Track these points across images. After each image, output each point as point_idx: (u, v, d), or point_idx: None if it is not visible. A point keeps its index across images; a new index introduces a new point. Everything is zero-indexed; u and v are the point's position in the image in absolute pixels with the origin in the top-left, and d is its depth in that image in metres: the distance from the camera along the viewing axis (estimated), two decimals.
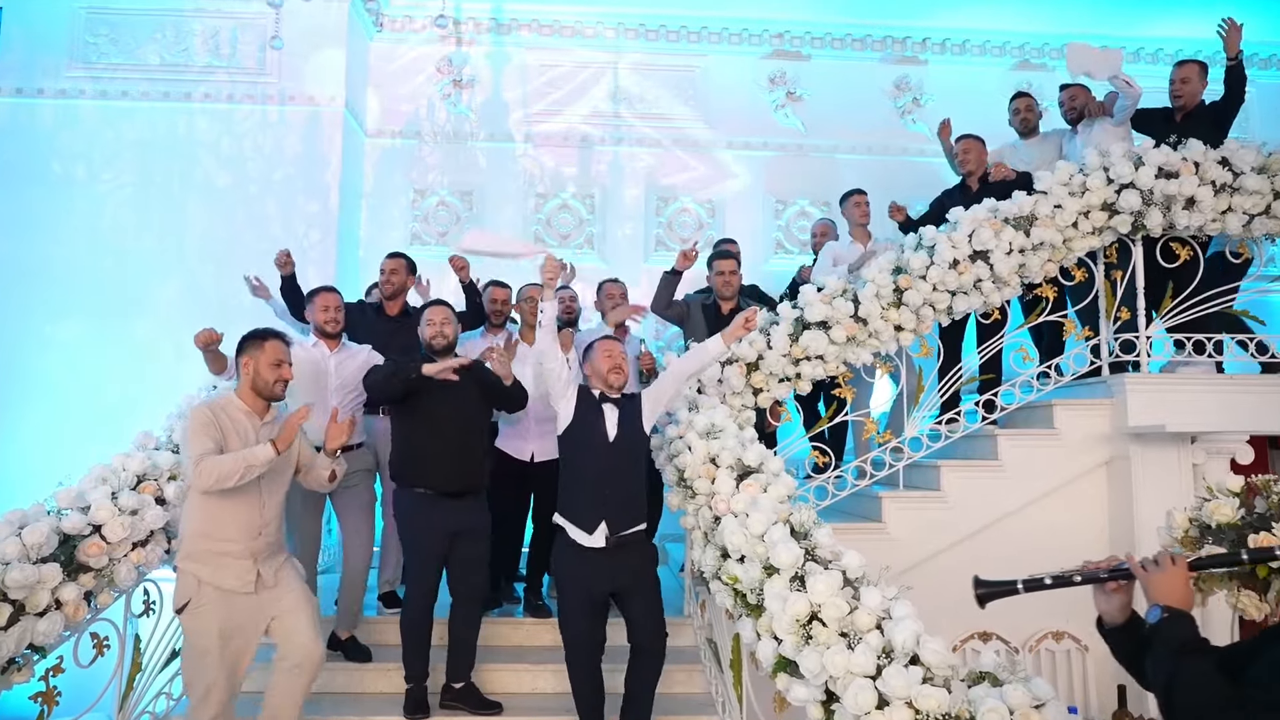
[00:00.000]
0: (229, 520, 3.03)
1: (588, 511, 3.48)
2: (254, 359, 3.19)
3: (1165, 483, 4.44)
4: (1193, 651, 1.62)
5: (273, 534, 3.18)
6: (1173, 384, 4.54)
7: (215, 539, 3.01)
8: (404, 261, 4.81)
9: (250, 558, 3.05)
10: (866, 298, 4.42)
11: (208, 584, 2.99)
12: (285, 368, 3.20)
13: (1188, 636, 1.65)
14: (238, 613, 3.02)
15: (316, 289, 4.28)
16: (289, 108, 6.04)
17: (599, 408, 3.59)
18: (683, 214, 6.78)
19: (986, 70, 7.01)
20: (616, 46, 6.78)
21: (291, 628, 3.16)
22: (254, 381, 3.18)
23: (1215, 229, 4.52)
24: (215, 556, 3.01)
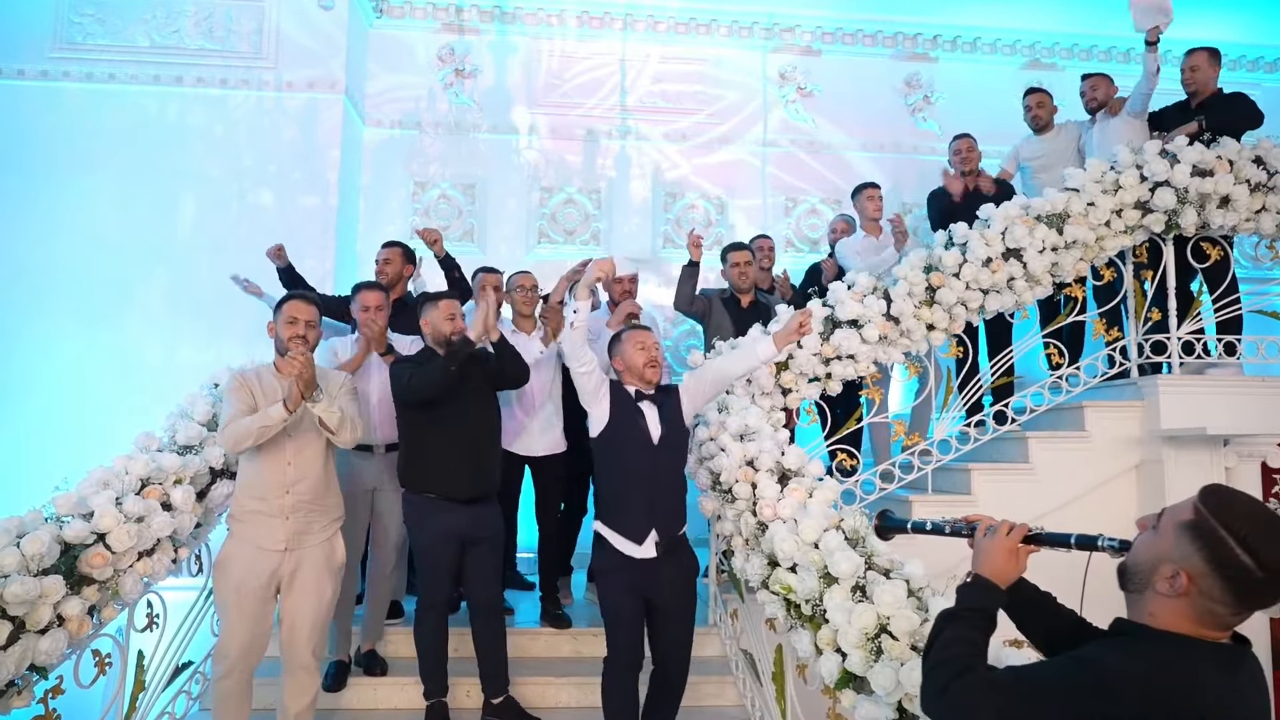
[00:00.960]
0: (258, 479, 3.13)
1: (636, 521, 3.23)
2: (275, 321, 3.27)
3: (1198, 486, 4.33)
4: (960, 618, 1.62)
5: (306, 494, 3.16)
6: (1206, 386, 4.46)
7: (250, 498, 3.13)
8: (400, 250, 4.62)
9: (280, 515, 3.12)
10: (899, 295, 4.29)
11: (238, 539, 3.12)
12: (299, 324, 3.20)
13: (971, 604, 1.65)
14: (257, 571, 3.09)
15: (359, 285, 4.07)
16: (286, 95, 5.79)
17: (637, 406, 3.35)
18: (691, 210, 6.62)
19: (997, 69, 6.93)
20: (623, 38, 6.61)
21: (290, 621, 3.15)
22: (276, 344, 3.27)
23: (1249, 229, 4.45)
24: (250, 515, 3.13)
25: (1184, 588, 1.37)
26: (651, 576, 3.22)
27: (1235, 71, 7.05)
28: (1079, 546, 1.68)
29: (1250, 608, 1.36)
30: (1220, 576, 1.35)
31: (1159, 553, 1.42)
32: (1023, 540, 1.71)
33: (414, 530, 3.62)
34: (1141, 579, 1.44)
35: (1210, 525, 1.36)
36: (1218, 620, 1.37)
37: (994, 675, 1.49)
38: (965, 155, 5.20)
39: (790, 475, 3.51)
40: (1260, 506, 1.39)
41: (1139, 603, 1.45)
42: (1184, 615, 1.38)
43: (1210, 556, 1.35)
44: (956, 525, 1.90)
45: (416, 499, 3.57)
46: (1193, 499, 1.42)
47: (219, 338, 5.40)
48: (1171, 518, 1.43)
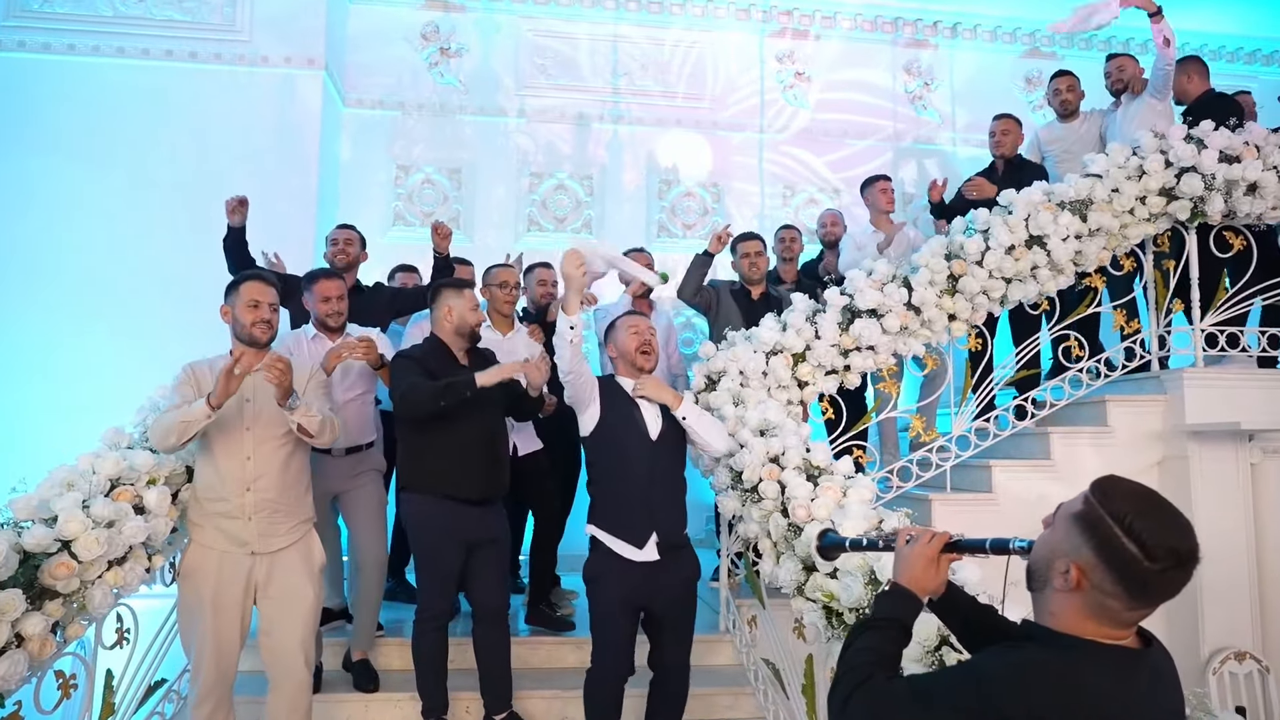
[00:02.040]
0: (215, 477, 2.88)
1: (635, 524, 3.04)
2: (231, 304, 2.98)
3: (1224, 482, 4.22)
4: (872, 627, 1.58)
5: (268, 491, 2.89)
6: (1231, 379, 4.32)
7: (209, 499, 2.88)
8: (356, 234, 4.34)
9: (241, 516, 2.85)
10: (920, 284, 4.08)
11: (201, 544, 2.86)
12: (263, 308, 2.94)
13: (885, 613, 1.60)
14: (228, 577, 2.84)
15: (314, 273, 3.73)
16: (262, 70, 5.44)
17: (633, 401, 3.14)
18: (686, 198, 6.38)
19: (997, 57, 6.78)
20: (616, 18, 6.34)
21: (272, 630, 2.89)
22: (235, 329, 2.97)
23: (1275, 217, 4.31)
24: (213, 517, 2.87)
25: (1076, 581, 1.31)
26: (651, 582, 3.02)
27: (1233, 64, 6.99)
28: (994, 551, 1.60)
29: (1146, 601, 1.30)
30: (1109, 568, 1.28)
31: (1052, 548, 1.36)
32: (944, 548, 1.64)
33: (418, 533, 3.34)
34: (1040, 577, 1.39)
35: (1098, 514, 1.30)
36: (1114, 616, 1.31)
37: (891, 686, 1.47)
38: (1000, 139, 4.99)
39: (818, 473, 3.29)
40: (1150, 492, 1.33)
41: (1041, 602, 1.40)
42: (1080, 612, 1.32)
43: (1098, 547, 1.29)
44: (888, 538, 1.82)
45: (422, 499, 3.28)
46: (1084, 491, 1.36)
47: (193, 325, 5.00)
48: (1065, 511, 1.37)
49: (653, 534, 3.04)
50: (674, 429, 3.16)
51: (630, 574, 3.02)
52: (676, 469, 3.20)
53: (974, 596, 1.83)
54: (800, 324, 4.03)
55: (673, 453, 3.19)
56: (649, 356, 3.18)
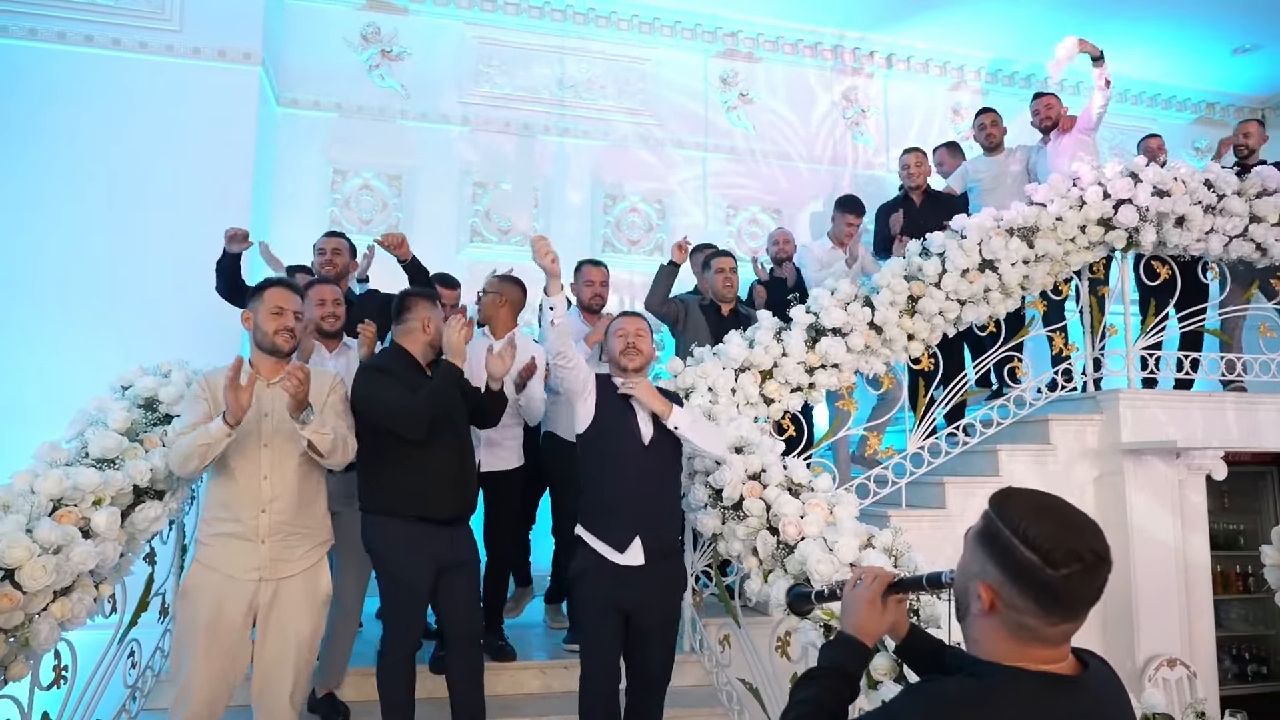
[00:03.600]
0: (229, 496, 2.72)
1: (619, 527, 2.98)
2: (253, 310, 2.81)
3: (1156, 497, 4.46)
4: (813, 679, 1.53)
5: (283, 513, 2.74)
6: (1162, 400, 4.58)
7: (220, 519, 2.72)
8: (346, 242, 4.18)
9: (254, 539, 2.69)
10: (882, 304, 4.17)
11: (205, 566, 2.69)
12: (288, 315, 2.78)
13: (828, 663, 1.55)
14: (229, 603, 2.66)
15: (312, 281, 3.62)
16: (193, 63, 5.10)
17: (627, 403, 3.07)
18: (631, 214, 6.34)
19: (928, 88, 7.05)
20: (563, 30, 6.27)
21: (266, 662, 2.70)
22: (255, 336, 2.81)
23: (1199, 248, 4.61)
24: (222, 538, 2.70)
25: (989, 603, 1.24)
26: (632, 587, 2.95)
27: (1137, 106, 7.47)
28: (930, 586, 1.54)
29: (1061, 612, 1.22)
30: (1014, 581, 1.21)
31: (965, 571, 1.31)
32: (888, 589, 1.59)
33: (386, 559, 3.12)
34: (962, 605, 1.33)
35: (995, 527, 1.24)
36: (1035, 634, 1.23)
37: None
38: (913, 171, 5.17)
39: (799, 489, 3.29)
40: (1045, 498, 1.26)
41: (966, 631, 1.34)
42: (1000, 634, 1.25)
43: (1000, 561, 1.23)
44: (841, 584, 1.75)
45: (388, 522, 3.08)
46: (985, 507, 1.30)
47: (121, 332, 4.66)
48: (970, 532, 1.32)
49: (636, 538, 2.96)
50: (668, 435, 3.08)
51: (611, 576, 2.95)
52: (668, 475, 3.13)
53: (938, 638, 1.76)
54: (768, 341, 4.04)
55: (665, 459, 3.11)
56: (631, 357, 3.09)
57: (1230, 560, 6.39)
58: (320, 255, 4.09)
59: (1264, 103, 7.69)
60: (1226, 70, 7.18)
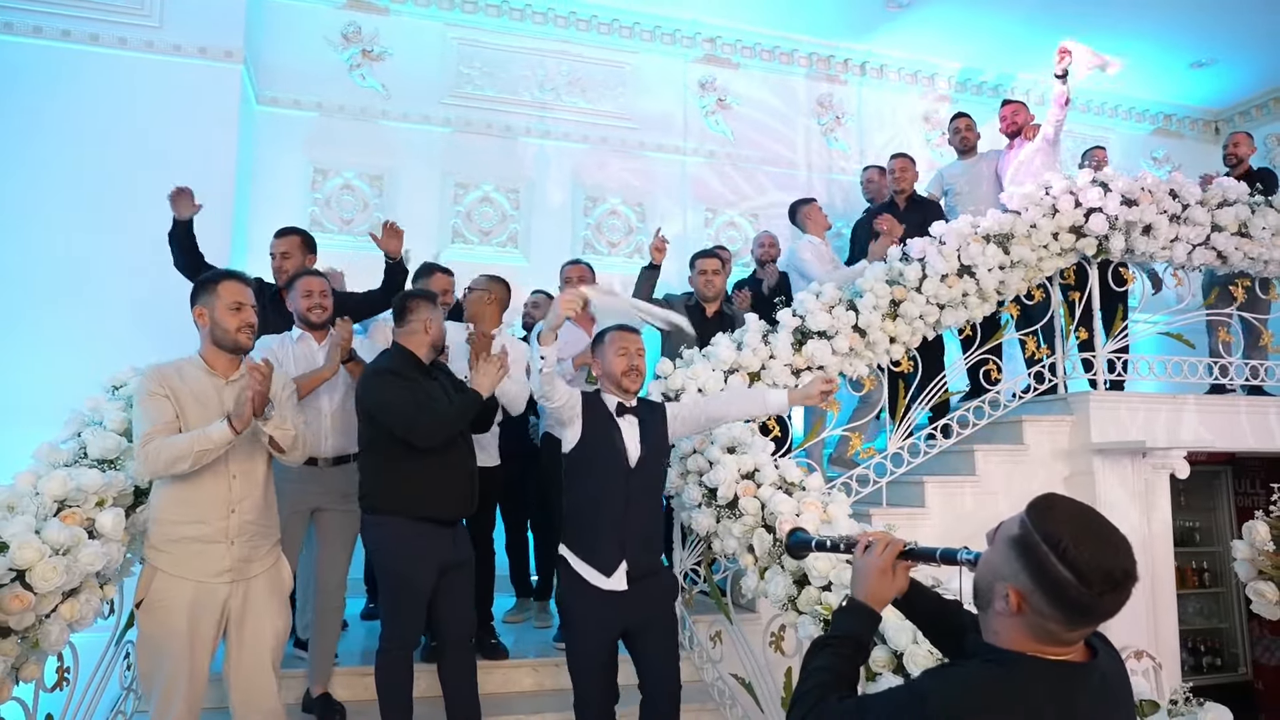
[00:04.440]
0: (196, 499, 2.61)
1: (605, 550, 2.93)
2: (208, 306, 2.71)
3: (1124, 495, 4.63)
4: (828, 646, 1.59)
5: (250, 513, 2.69)
6: (1130, 402, 4.76)
7: (182, 522, 2.60)
8: (298, 239, 4.02)
9: (224, 540, 2.62)
10: (866, 308, 4.28)
11: (171, 574, 2.57)
12: (247, 310, 2.72)
13: (842, 631, 1.62)
14: (204, 608, 2.59)
15: (298, 273, 3.57)
16: (173, 60, 5.05)
17: (615, 422, 3.03)
18: (612, 216, 6.40)
19: (900, 96, 7.21)
20: (544, 33, 6.31)
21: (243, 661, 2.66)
22: (213, 333, 2.72)
23: (1164, 256, 4.80)
24: (184, 543, 2.59)
25: (1016, 606, 1.30)
26: (621, 609, 2.92)
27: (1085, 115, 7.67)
28: (944, 561, 1.62)
29: (1084, 622, 1.30)
30: (1046, 593, 1.28)
31: (993, 570, 1.36)
32: (899, 556, 1.65)
33: (390, 558, 3.14)
34: (983, 597, 1.39)
35: (1033, 540, 1.29)
36: (1054, 636, 1.31)
37: (841, 707, 1.46)
38: (899, 175, 5.30)
39: (791, 488, 3.38)
40: (1085, 513, 1.32)
41: (985, 621, 1.41)
42: (1021, 632, 1.32)
43: (1035, 573, 1.28)
44: (848, 541, 1.82)
45: (396, 522, 3.09)
46: (1021, 512, 1.36)
47: (102, 331, 4.60)
48: (1003, 533, 1.37)
49: (622, 563, 2.93)
50: (655, 455, 3.07)
51: (598, 599, 2.91)
52: (653, 496, 3.10)
53: (937, 593, 1.84)
54: (756, 343, 4.12)
55: (651, 479, 3.08)
56: (635, 378, 3.06)
57: (1186, 556, 6.65)
58: (273, 258, 3.98)
59: (1218, 115, 8.00)
60: (1184, 83, 7.46)
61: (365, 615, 4.49)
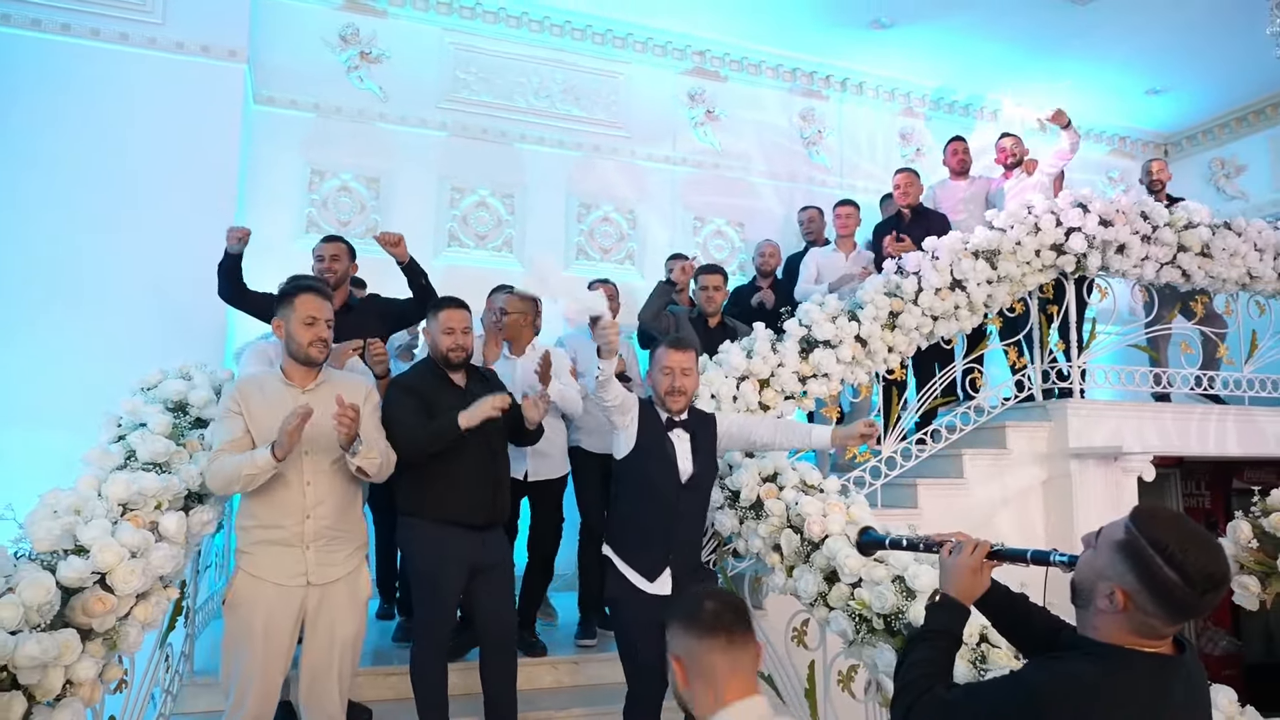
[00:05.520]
0: (273, 504, 2.74)
1: (651, 557, 3.09)
2: (284, 319, 2.83)
3: (1097, 496, 4.94)
4: (926, 639, 1.75)
5: (326, 518, 2.77)
6: (1103, 410, 5.08)
7: (260, 526, 2.74)
8: (345, 246, 4.11)
9: (299, 545, 2.74)
10: (867, 319, 4.49)
11: (253, 575, 2.71)
12: (320, 325, 2.82)
13: (937, 626, 1.77)
14: (281, 609, 2.71)
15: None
16: (176, 58, 5.01)
17: (667, 435, 3.16)
18: (604, 223, 6.52)
19: (877, 113, 7.47)
20: (539, 41, 6.39)
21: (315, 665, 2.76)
22: (288, 345, 2.84)
23: (1135, 274, 5.12)
24: (264, 546, 2.73)
25: (1121, 605, 1.46)
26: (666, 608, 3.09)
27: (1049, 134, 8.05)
28: (1034, 562, 1.80)
29: (1184, 618, 1.47)
30: (1152, 593, 1.44)
31: (1097, 571, 1.52)
32: (985, 557, 1.81)
33: (418, 558, 3.25)
34: (1085, 596, 1.55)
35: (1140, 545, 1.45)
36: (1154, 631, 1.47)
37: (950, 696, 1.62)
38: (905, 190, 5.51)
39: (811, 490, 3.55)
40: (1185, 524, 1.48)
41: (1085, 617, 1.56)
42: (1123, 628, 1.48)
43: (1142, 574, 1.44)
44: (929, 542, 1.99)
45: (424, 524, 3.20)
46: (1124, 519, 1.52)
47: (102, 331, 4.56)
48: (1107, 538, 1.53)
49: (667, 569, 3.09)
50: (705, 471, 3.20)
51: (647, 603, 3.04)
52: (700, 509, 3.25)
53: (1007, 588, 1.97)
54: (766, 352, 4.30)
55: (700, 494, 3.21)
56: (676, 398, 3.17)
57: None
58: (319, 261, 4.03)
59: (1168, 138, 8.49)
60: (1140, 108, 7.90)
61: (380, 615, 4.54)
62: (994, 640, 2.66)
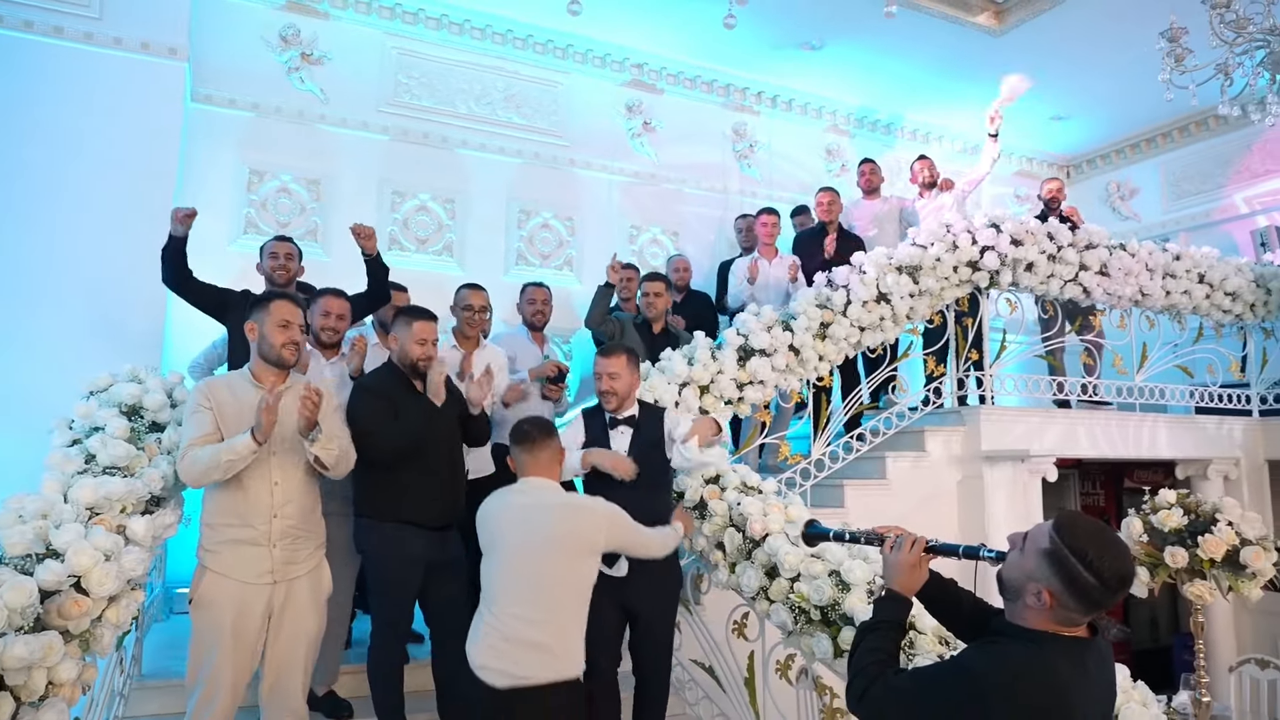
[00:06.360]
0: (239, 503, 2.82)
1: None
2: (259, 322, 2.93)
3: (1006, 495, 5.33)
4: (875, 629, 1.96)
5: (292, 517, 2.87)
6: (1013, 416, 5.48)
7: (228, 525, 2.81)
8: (296, 249, 4.21)
9: (266, 544, 2.82)
10: (800, 329, 4.76)
11: (219, 574, 2.78)
12: (293, 328, 2.92)
13: (884, 617, 1.99)
14: (249, 607, 2.79)
15: (322, 291, 3.74)
16: (114, 54, 4.92)
17: (607, 433, 3.45)
18: (544, 229, 6.64)
19: (806, 129, 7.80)
20: (482, 49, 6.48)
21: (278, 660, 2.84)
22: (260, 347, 2.93)
23: (1042, 290, 5.55)
24: (231, 545, 2.80)
25: (1048, 603, 1.70)
26: (625, 592, 3.31)
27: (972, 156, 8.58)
28: (965, 556, 2.01)
29: (1098, 610, 1.73)
30: (1072, 592, 1.67)
31: (1026, 573, 1.74)
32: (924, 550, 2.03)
33: (376, 559, 3.35)
34: (1014, 592, 1.78)
35: (1063, 553, 1.67)
36: (1073, 620, 1.71)
37: (898, 680, 1.83)
38: (828, 207, 5.82)
39: (751, 491, 3.78)
40: (1101, 532, 1.72)
41: (1014, 609, 1.79)
42: (1047, 619, 1.72)
43: (1064, 578, 1.67)
44: (870, 535, 2.18)
45: (382, 525, 3.31)
46: (1048, 528, 1.73)
47: (32, 334, 4.45)
48: (1034, 543, 1.74)
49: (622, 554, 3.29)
50: (648, 458, 3.40)
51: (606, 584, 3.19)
52: (649, 492, 3.42)
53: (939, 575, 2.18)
54: (706, 359, 4.52)
55: (643, 478, 3.38)
56: (607, 398, 3.45)
57: None
58: (273, 259, 4.09)
59: (1070, 161, 9.11)
60: (1045, 133, 8.46)
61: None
62: (920, 628, 2.92)
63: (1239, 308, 6.25)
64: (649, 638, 3.39)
